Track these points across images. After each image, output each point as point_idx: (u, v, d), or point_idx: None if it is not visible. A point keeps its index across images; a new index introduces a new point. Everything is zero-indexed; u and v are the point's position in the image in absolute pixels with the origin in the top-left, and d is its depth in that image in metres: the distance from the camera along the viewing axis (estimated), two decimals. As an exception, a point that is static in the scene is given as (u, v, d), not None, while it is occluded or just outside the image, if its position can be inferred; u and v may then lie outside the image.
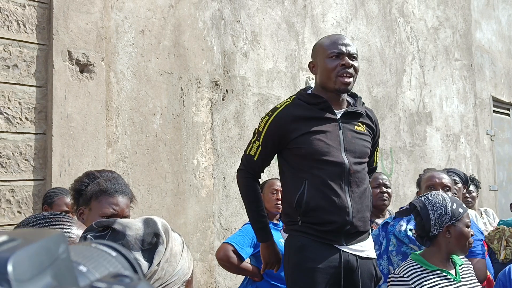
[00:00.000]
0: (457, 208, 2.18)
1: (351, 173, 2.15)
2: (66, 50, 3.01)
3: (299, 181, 2.15)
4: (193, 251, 3.60)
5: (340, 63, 2.16)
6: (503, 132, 7.13)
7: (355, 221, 2.13)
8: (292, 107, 2.22)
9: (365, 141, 2.26)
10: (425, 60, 5.85)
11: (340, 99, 2.24)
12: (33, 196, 2.91)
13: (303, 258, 2.10)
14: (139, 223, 0.91)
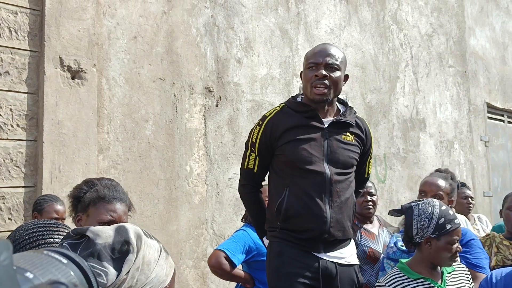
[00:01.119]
0: (445, 223, 2.13)
1: (332, 183, 2.15)
2: (57, 57, 3.01)
3: (281, 188, 2.17)
4: (186, 258, 3.59)
5: (314, 74, 2.17)
6: (498, 138, 7.15)
7: (332, 231, 2.14)
8: (281, 115, 2.23)
9: (351, 151, 2.24)
10: (419, 67, 5.87)
11: (327, 108, 2.23)
12: (24, 203, 2.90)
13: (282, 263, 2.12)
14: (110, 231, 0.91)
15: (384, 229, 3.22)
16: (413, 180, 5.58)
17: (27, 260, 0.44)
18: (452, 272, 2.20)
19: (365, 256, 2.96)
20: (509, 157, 7.28)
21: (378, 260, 2.92)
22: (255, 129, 2.25)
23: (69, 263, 0.47)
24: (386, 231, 3.21)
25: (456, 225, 2.14)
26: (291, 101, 2.29)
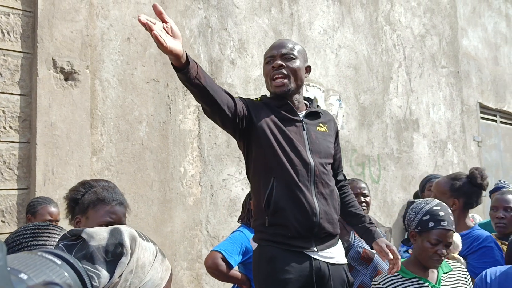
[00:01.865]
0: (429, 220, 2.14)
1: (317, 174, 2.14)
2: (50, 58, 3.00)
3: (268, 179, 2.12)
4: (180, 259, 3.58)
5: (271, 67, 2.17)
6: (490, 138, 7.19)
7: (322, 223, 2.11)
8: (261, 104, 2.22)
9: (328, 141, 2.26)
10: (412, 68, 5.89)
11: (296, 102, 2.24)
12: (17, 205, 2.89)
13: (275, 270, 2.06)
14: (105, 232, 0.90)
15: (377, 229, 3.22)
16: (407, 181, 5.60)
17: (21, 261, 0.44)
18: (449, 272, 2.19)
19: (359, 257, 2.97)
20: (501, 157, 7.33)
21: (372, 260, 2.93)
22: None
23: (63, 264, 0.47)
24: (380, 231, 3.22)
25: (439, 226, 2.11)
26: (265, 97, 2.29)
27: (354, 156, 5.09)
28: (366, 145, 5.23)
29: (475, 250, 2.53)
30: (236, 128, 2.11)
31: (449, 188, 2.74)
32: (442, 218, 2.13)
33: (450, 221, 2.14)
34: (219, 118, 2.04)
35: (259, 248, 2.15)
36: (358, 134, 5.15)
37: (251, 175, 2.22)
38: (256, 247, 2.17)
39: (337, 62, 5.03)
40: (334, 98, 4.95)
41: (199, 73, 1.87)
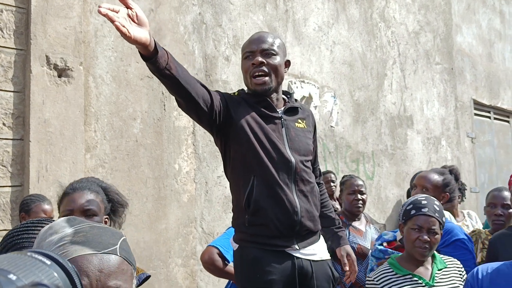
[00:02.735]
0: (411, 209, 2.20)
1: (297, 172, 2.09)
2: (44, 55, 2.99)
3: (248, 177, 2.05)
4: (175, 256, 3.59)
5: (251, 63, 2.08)
6: (484, 134, 7.22)
7: (304, 221, 2.07)
8: (239, 99, 2.14)
9: (307, 137, 2.21)
10: (406, 64, 5.90)
11: (275, 99, 2.18)
12: (11, 202, 2.88)
13: (257, 271, 2.01)
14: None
15: (371, 225, 3.24)
16: (401, 177, 5.62)
17: (10, 262, 0.44)
18: (444, 269, 2.20)
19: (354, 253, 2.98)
20: (495, 153, 7.36)
21: (367, 256, 2.95)
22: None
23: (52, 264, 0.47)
24: (373, 227, 3.24)
25: (420, 211, 2.16)
26: (242, 92, 2.22)
27: (349, 153, 5.10)
28: (361, 141, 5.24)
29: (448, 243, 2.56)
30: (213, 124, 2.04)
31: (441, 183, 2.76)
32: (423, 205, 2.18)
33: (432, 209, 2.17)
34: (194, 112, 1.97)
35: (240, 249, 2.09)
36: (352, 130, 5.16)
37: (229, 173, 2.16)
38: (237, 248, 2.11)
39: (332, 59, 5.04)
40: (329, 94, 4.96)
41: (169, 63, 1.77)
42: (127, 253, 0.93)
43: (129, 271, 0.91)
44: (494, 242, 2.63)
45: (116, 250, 0.90)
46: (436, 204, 2.21)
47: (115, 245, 0.91)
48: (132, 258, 0.95)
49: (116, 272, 0.87)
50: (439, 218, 2.17)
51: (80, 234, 0.90)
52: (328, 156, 4.86)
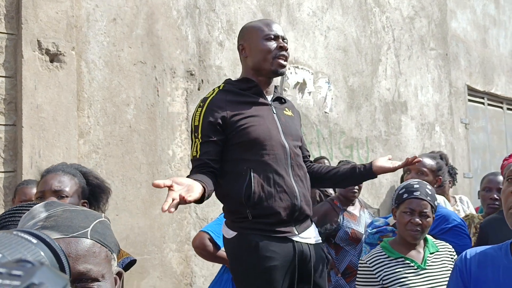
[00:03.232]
0: (403, 193, 2.22)
1: (292, 157, 2.11)
2: (35, 40, 2.96)
3: (243, 172, 2.03)
4: (169, 241, 3.59)
5: (278, 45, 2.12)
6: (478, 120, 7.24)
7: (302, 205, 2.09)
8: (224, 93, 2.13)
9: (296, 124, 2.26)
10: (401, 50, 5.89)
11: (269, 84, 2.20)
12: (3, 188, 2.87)
13: (260, 259, 2.00)
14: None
15: (365, 210, 3.26)
16: (395, 163, 5.64)
17: None
18: (435, 253, 2.22)
19: (348, 237, 3.00)
20: (489, 139, 7.40)
21: (360, 240, 2.97)
22: (196, 112, 2.09)
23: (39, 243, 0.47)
24: (367, 212, 3.26)
25: (411, 195, 2.18)
26: (230, 80, 2.23)
27: (343, 139, 5.11)
28: (355, 127, 5.24)
29: (446, 230, 2.57)
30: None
31: (435, 167, 2.78)
32: (415, 189, 2.20)
33: (424, 192, 2.19)
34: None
35: (239, 236, 2.05)
36: (346, 116, 5.16)
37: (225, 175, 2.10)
38: (235, 235, 2.07)
39: (326, 44, 5.01)
40: (323, 80, 4.95)
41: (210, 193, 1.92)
42: (101, 235, 0.91)
43: (102, 254, 0.89)
44: (484, 226, 2.65)
45: (87, 233, 0.88)
46: (428, 188, 2.23)
47: (86, 228, 0.89)
48: (110, 240, 0.93)
49: (85, 255, 0.85)
50: (431, 202, 2.19)
51: (52, 219, 0.88)
52: (322, 142, 4.86)
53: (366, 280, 2.16)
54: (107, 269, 0.89)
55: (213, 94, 2.13)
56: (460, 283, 1.31)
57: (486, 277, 1.26)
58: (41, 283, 0.38)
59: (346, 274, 2.95)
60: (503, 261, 1.26)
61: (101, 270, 0.87)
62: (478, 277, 1.28)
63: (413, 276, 2.13)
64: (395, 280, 2.11)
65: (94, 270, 0.85)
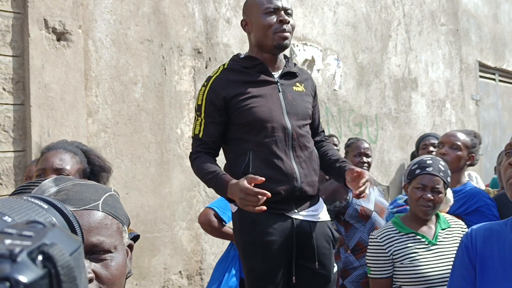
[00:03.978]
0: (416, 169, 2.20)
1: (294, 138, 2.07)
2: (42, 18, 2.93)
3: (244, 154, 2.04)
4: (179, 219, 3.61)
5: (278, 19, 2.04)
6: (489, 97, 7.16)
7: (303, 186, 2.07)
8: (227, 72, 2.11)
9: (306, 101, 2.18)
10: (411, 25, 5.80)
11: (276, 60, 2.14)
12: (14, 167, 2.88)
13: (257, 233, 2.03)
14: None
15: (374, 188, 3.25)
16: (404, 140, 5.61)
17: (6, 206, 0.43)
18: (447, 229, 2.21)
19: (357, 215, 3.00)
20: (499, 116, 7.32)
21: (370, 217, 2.97)
22: (200, 91, 2.11)
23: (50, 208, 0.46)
24: (377, 189, 3.24)
25: (424, 171, 2.16)
26: (236, 58, 2.18)
27: (352, 116, 5.07)
28: (364, 105, 5.20)
29: (471, 211, 2.52)
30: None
31: (470, 143, 2.68)
32: (428, 165, 2.18)
33: (437, 168, 2.17)
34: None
35: (239, 211, 2.07)
36: (356, 94, 5.12)
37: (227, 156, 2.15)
38: (236, 210, 2.10)
39: (335, 21, 4.94)
40: (332, 57, 4.89)
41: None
42: (112, 207, 0.91)
43: (114, 226, 0.89)
44: (496, 201, 2.63)
45: (98, 205, 0.89)
46: (441, 164, 2.21)
47: (97, 201, 0.89)
48: (120, 213, 0.93)
49: (98, 227, 0.86)
50: (444, 178, 2.17)
51: (62, 193, 0.88)
52: (331, 120, 4.83)
53: (376, 254, 2.16)
54: (119, 240, 0.90)
55: (217, 73, 2.12)
56: (466, 258, 1.31)
57: (492, 252, 1.26)
58: (53, 243, 0.37)
59: (356, 251, 2.95)
60: (509, 235, 1.26)
61: (114, 242, 0.88)
62: (483, 252, 1.28)
63: (424, 252, 2.12)
64: (405, 255, 2.11)
65: (106, 241, 0.86)
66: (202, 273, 3.74)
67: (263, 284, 2.06)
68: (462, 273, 1.32)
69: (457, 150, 2.60)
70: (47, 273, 0.37)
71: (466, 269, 1.31)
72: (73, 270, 0.37)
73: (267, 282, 2.05)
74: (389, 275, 2.13)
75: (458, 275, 1.33)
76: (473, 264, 1.29)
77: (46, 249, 0.37)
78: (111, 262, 0.86)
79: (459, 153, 2.60)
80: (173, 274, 3.56)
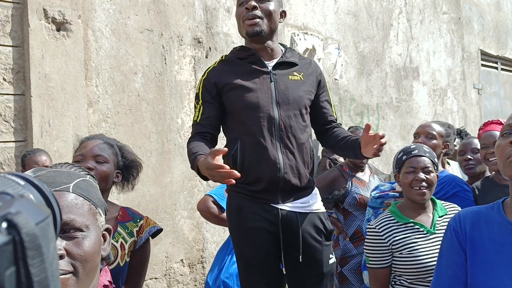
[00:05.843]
0: (402, 156, 2.22)
1: (282, 128, 2.07)
2: (41, 8, 2.94)
3: (233, 141, 2.10)
4: (180, 209, 3.64)
5: (244, 8, 2.10)
6: (491, 85, 7.13)
7: (288, 177, 2.06)
8: (223, 63, 2.17)
9: (302, 90, 2.16)
10: (413, 14, 5.77)
11: (267, 49, 2.16)
12: (15, 157, 2.90)
13: (242, 218, 2.08)
14: None
15: (375, 176, 3.26)
16: (406, 129, 5.60)
17: None
18: (444, 216, 2.21)
19: (356, 203, 3.02)
20: (501, 105, 7.29)
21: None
22: (199, 81, 2.19)
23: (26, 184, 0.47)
24: (377, 178, 3.25)
25: (410, 155, 2.19)
26: (233, 50, 2.24)
27: (353, 106, 5.06)
28: (365, 94, 5.19)
29: (450, 195, 2.56)
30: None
31: (444, 132, 2.78)
32: (412, 149, 2.21)
33: (422, 150, 2.20)
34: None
35: (229, 198, 2.16)
36: (357, 83, 5.11)
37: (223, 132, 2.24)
38: (227, 196, 2.19)
39: (336, 9, 4.92)
40: (333, 46, 4.88)
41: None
42: (84, 190, 0.95)
43: (85, 206, 0.93)
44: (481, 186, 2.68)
45: (69, 187, 0.93)
46: (425, 147, 2.24)
47: (68, 183, 0.93)
48: (93, 196, 0.97)
49: (68, 206, 0.90)
50: (431, 158, 2.19)
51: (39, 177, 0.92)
52: (332, 109, 4.83)
53: (375, 245, 2.16)
54: (90, 221, 0.93)
55: (214, 65, 2.20)
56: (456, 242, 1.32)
57: (481, 235, 1.28)
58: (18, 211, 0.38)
59: (354, 239, 2.97)
60: (497, 218, 1.28)
61: (85, 221, 0.91)
62: (473, 235, 1.30)
63: (423, 241, 2.13)
64: (404, 245, 2.11)
65: (77, 220, 0.90)
66: (203, 261, 3.77)
67: (252, 271, 2.08)
68: (452, 256, 1.32)
69: (432, 139, 2.70)
70: (11, 240, 0.38)
71: (456, 253, 1.31)
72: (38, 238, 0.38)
73: (255, 269, 2.07)
74: (388, 265, 2.14)
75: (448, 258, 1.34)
76: (463, 248, 1.30)
77: (10, 217, 0.38)
78: (83, 240, 0.89)
79: (434, 141, 2.71)
80: (175, 263, 3.59)
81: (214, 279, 2.66)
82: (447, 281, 1.33)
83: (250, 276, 2.09)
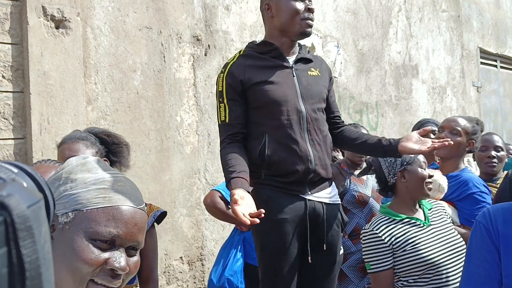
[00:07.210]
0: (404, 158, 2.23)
1: (309, 121, 2.14)
2: (40, 6, 2.94)
3: (260, 136, 2.11)
4: (180, 206, 3.64)
5: (306, 7, 2.15)
6: (490, 83, 7.13)
7: (317, 169, 2.14)
8: (243, 58, 2.18)
9: (321, 85, 2.25)
10: (412, 12, 5.77)
11: (293, 46, 2.22)
12: (14, 154, 2.90)
13: (270, 211, 2.05)
14: None
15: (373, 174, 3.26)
16: (405, 127, 5.61)
17: None
18: (432, 209, 2.26)
19: (354, 200, 3.02)
20: (501, 103, 7.30)
21: (367, 203, 2.99)
22: (219, 78, 2.18)
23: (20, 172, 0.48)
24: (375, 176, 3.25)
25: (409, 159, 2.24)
26: (252, 44, 2.25)
27: (352, 104, 5.07)
28: (364, 92, 5.19)
29: (464, 196, 2.50)
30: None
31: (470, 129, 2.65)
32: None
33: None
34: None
35: (254, 191, 2.14)
36: (356, 81, 5.11)
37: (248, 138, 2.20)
38: (251, 190, 2.15)
39: (335, 7, 4.92)
40: (332, 44, 4.88)
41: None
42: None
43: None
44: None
45: (145, 207, 0.96)
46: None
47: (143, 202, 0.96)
48: None
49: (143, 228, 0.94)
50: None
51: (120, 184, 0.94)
52: (331, 107, 4.83)
53: (374, 247, 2.13)
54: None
55: (234, 60, 2.20)
56: (488, 240, 1.24)
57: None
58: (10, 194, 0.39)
59: (353, 236, 2.98)
60: None
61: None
62: (506, 234, 1.23)
63: (422, 234, 2.14)
64: (406, 241, 2.11)
65: (141, 242, 0.94)
66: (203, 259, 3.77)
67: (275, 263, 2.11)
68: (483, 255, 1.25)
69: (456, 135, 2.59)
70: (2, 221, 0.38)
71: (488, 251, 1.25)
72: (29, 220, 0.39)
73: (278, 261, 2.10)
74: (389, 266, 2.11)
75: (479, 257, 1.26)
76: (496, 246, 1.23)
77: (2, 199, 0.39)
78: (137, 259, 0.94)
79: (459, 138, 2.59)
80: (174, 260, 3.60)
81: (219, 276, 2.66)
82: (479, 280, 1.27)
83: (275, 265, 2.12)
